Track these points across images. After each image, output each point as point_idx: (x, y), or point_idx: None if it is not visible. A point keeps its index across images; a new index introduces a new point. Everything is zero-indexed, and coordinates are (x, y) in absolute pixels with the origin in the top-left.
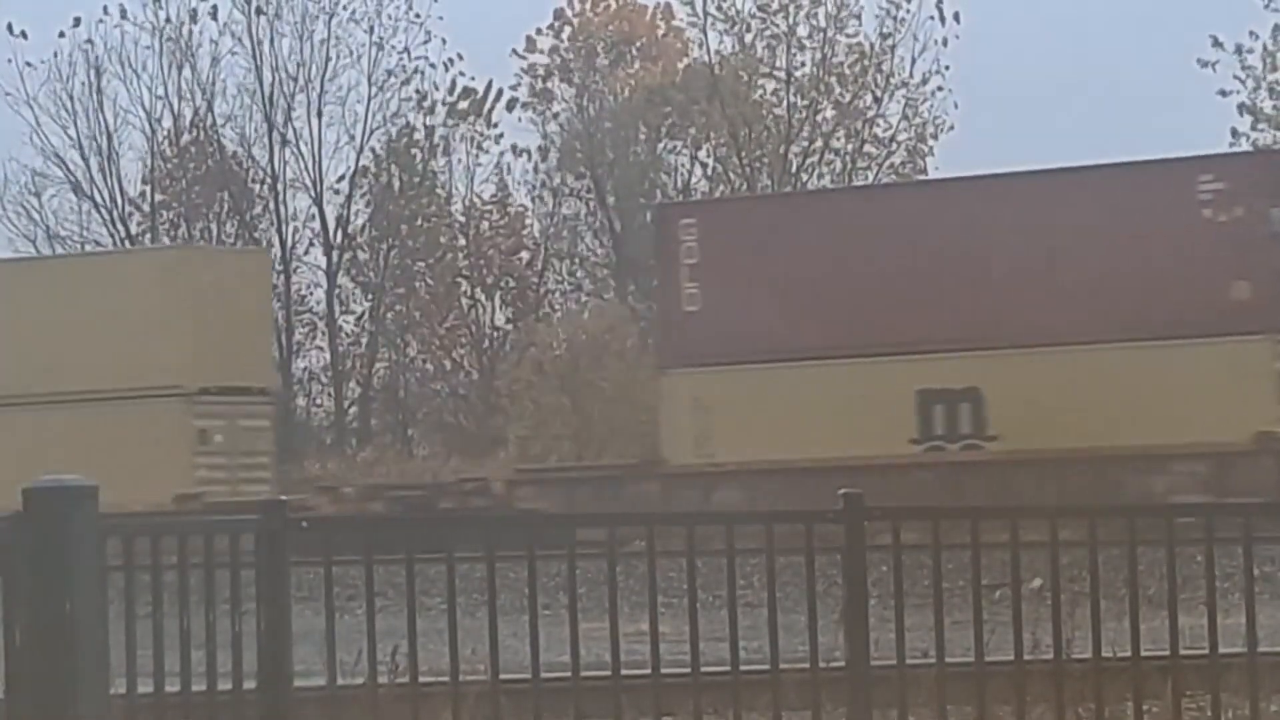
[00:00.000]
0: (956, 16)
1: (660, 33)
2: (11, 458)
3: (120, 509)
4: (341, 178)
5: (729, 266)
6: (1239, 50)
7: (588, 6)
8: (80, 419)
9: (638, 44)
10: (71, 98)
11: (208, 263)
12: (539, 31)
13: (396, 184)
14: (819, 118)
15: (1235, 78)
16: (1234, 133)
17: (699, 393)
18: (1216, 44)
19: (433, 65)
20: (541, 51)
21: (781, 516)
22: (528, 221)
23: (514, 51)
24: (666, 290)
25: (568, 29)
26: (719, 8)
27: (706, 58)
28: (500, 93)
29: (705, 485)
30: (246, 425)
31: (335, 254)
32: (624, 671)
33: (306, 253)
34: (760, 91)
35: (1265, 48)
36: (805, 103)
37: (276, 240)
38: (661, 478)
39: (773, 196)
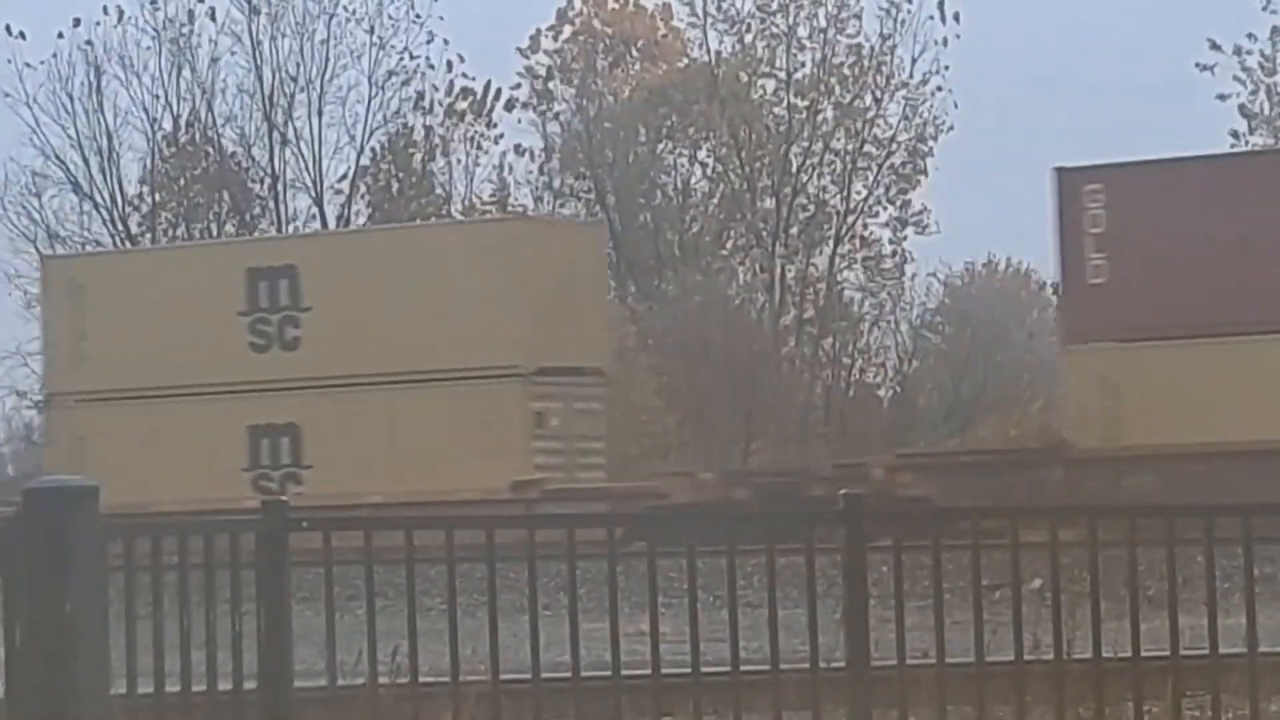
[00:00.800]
0: (956, 17)
1: (661, 33)
2: (334, 440)
3: (452, 496)
4: (343, 177)
5: (1141, 235)
6: (1238, 52)
7: (589, 7)
8: (412, 401)
9: (638, 44)
10: (71, 98)
11: (544, 235)
12: (540, 31)
13: (396, 184)
14: (819, 118)
15: (1235, 78)
16: (1234, 134)
17: (1107, 371)
18: (1214, 47)
19: (433, 65)
20: (545, 51)
21: (781, 517)
22: None
23: (518, 50)
24: (1069, 262)
25: (568, 28)
26: (719, 8)
27: (706, 58)
28: (499, 93)
29: (1114, 470)
30: (582, 408)
31: None
32: (624, 672)
33: None
34: (760, 92)
35: (1262, 52)
36: (805, 103)
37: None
38: (1066, 462)
39: (1186, 160)
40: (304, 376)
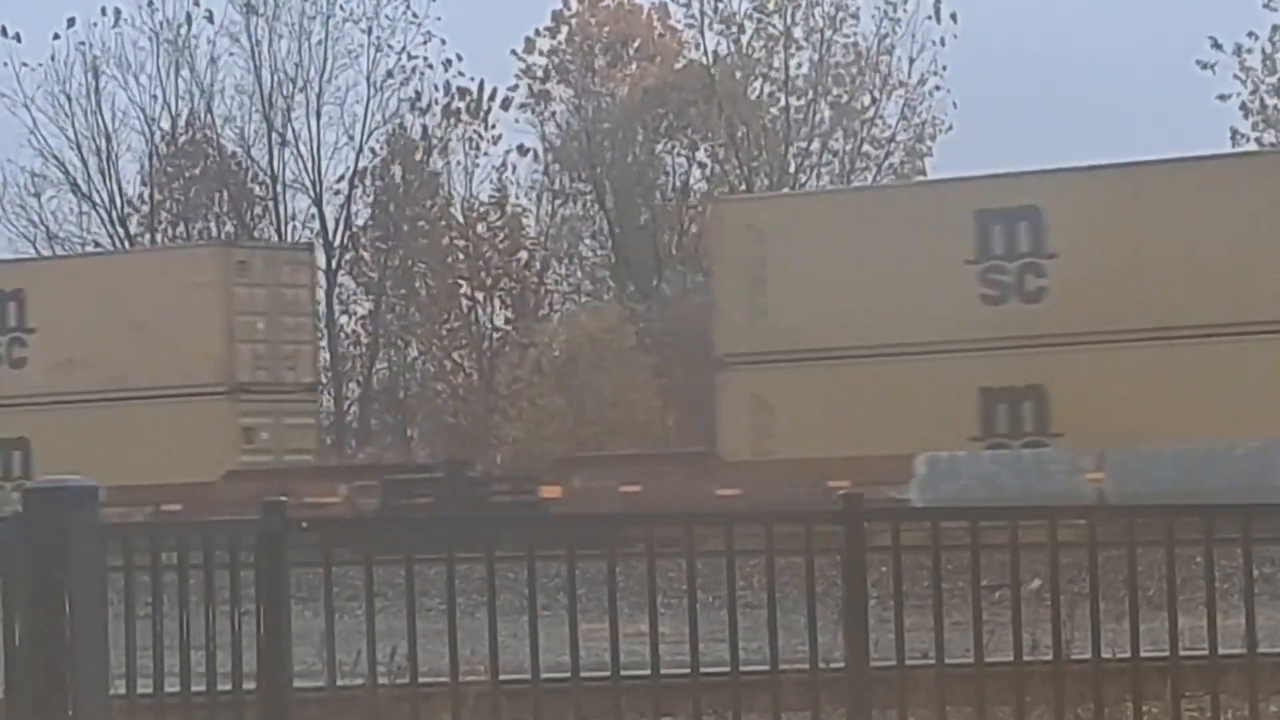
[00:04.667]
0: (954, 16)
1: (657, 33)
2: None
3: None
4: (341, 178)
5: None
6: (1238, 50)
7: (585, 7)
8: None
9: (635, 44)
10: (69, 99)
11: None
12: (537, 32)
13: (397, 184)
14: (817, 118)
15: (1235, 77)
16: (1234, 133)
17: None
18: (1216, 45)
19: (431, 66)
20: (541, 52)
21: (782, 517)
22: (525, 222)
23: (513, 52)
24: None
25: (565, 29)
26: (714, 8)
27: (704, 58)
28: (494, 92)
29: None
30: None
31: (335, 254)
32: (624, 672)
33: None
34: (757, 92)
35: (1264, 51)
36: (802, 103)
37: (276, 241)
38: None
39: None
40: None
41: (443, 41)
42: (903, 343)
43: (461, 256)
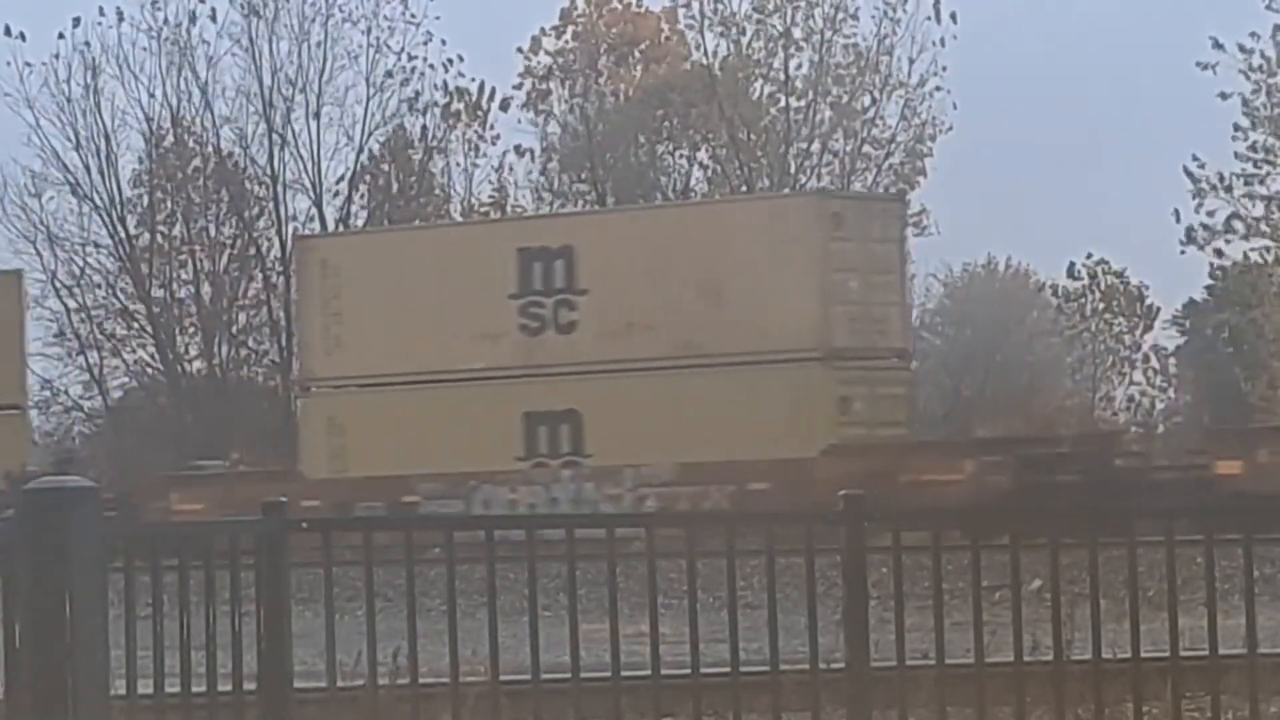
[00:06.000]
0: (954, 17)
1: (665, 35)
2: None
3: None
4: (341, 178)
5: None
6: (1241, 50)
7: (593, 8)
8: None
9: (641, 46)
10: (69, 99)
11: None
12: (543, 32)
13: (395, 184)
14: (817, 119)
15: (1241, 73)
16: (1236, 127)
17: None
18: (1217, 45)
19: (432, 66)
20: (546, 52)
21: (782, 517)
22: None
23: (519, 50)
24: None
25: (571, 29)
26: (714, 9)
27: (704, 59)
28: (493, 92)
29: None
30: None
31: None
32: (624, 673)
33: None
34: (757, 93)
35: (1263, 53)
36: (802, 104)
37: (276, 241)
38: None
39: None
40: None
41: (443, 42)
42: None
43: None
